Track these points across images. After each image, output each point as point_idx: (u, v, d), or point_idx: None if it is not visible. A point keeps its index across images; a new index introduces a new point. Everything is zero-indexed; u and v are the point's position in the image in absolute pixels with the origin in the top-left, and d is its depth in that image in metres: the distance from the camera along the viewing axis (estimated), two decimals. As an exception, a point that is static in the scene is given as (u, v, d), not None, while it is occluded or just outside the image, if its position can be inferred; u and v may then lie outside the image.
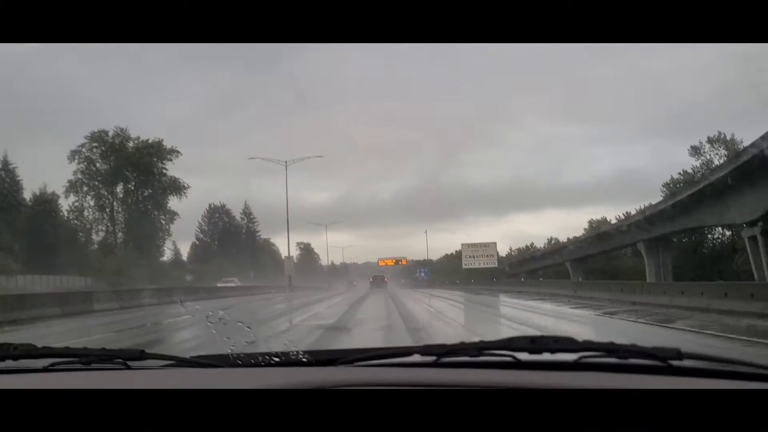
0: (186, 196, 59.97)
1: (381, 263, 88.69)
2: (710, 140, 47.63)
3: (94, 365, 1.69)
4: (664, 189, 51.01)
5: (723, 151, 46.70)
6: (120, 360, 1.70)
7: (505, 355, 1.46)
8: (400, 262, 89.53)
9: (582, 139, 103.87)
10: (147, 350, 1.71)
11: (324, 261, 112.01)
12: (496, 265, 64.44)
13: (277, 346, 1.79)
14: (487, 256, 64.51)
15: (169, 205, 59.98)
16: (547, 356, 1.44)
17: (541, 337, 1.48)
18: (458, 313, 21.76)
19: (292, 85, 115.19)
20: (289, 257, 54.93)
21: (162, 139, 58.33)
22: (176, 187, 59.22)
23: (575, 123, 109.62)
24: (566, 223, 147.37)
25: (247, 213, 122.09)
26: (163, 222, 60.28)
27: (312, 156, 58.86)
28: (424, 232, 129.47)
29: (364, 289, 55.67)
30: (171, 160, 58.78)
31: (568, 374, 1.43)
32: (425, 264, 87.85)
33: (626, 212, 57.33)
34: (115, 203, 58.24)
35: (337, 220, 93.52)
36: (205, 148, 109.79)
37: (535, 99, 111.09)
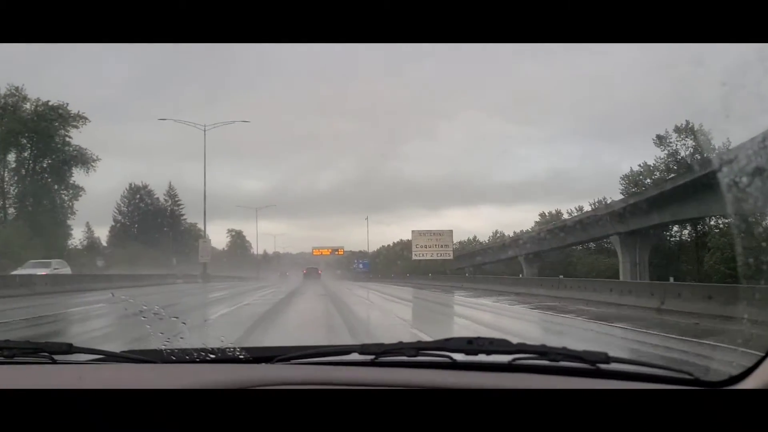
0: (95, 170, 51.95)
1: (316, 253, 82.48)
2: (677, 129, 44.17)
3: (17, 359, 1.60)
4: (624, 181, 47.58)
5: (690, 142, 43.37)
6: (45, 354, 1.63)
7: (442, 356, 1.48)
8: (336, 252, 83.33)
9: (517, 138, 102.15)
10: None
11: (256, 250, 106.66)
12: (451, 257, 57.00)
13: (212, 342, 1.71)
14: (442, 246, 56.42)
15: (73, 179, 51.90)
16: (482, 357, 1.47)
17: (478, 339, 1.50)
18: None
19: (226, 68, 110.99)
20: (204, 240, 47.14)
21: (67, 103, 50.08)
22: (82, 159, 51.17)
23: (510, 121, 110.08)
24: (499, 220, 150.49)
25: (171, 194, 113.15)
26: (66, 198, 52.24)
27: (236, 121, 52.08)
28: (361, 221, 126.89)
29: (296, 281, 49.90)
30: (77, 126, 50.58)
31: (502, 375, 1.47)
32: (364, 255, 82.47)
33: (578, 206, 53.97)
34: (5, 173, 49.79)
35: (269, 206, 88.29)
36: (130, 128, 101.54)
37: (472, 96, 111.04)
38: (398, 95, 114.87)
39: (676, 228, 43.77)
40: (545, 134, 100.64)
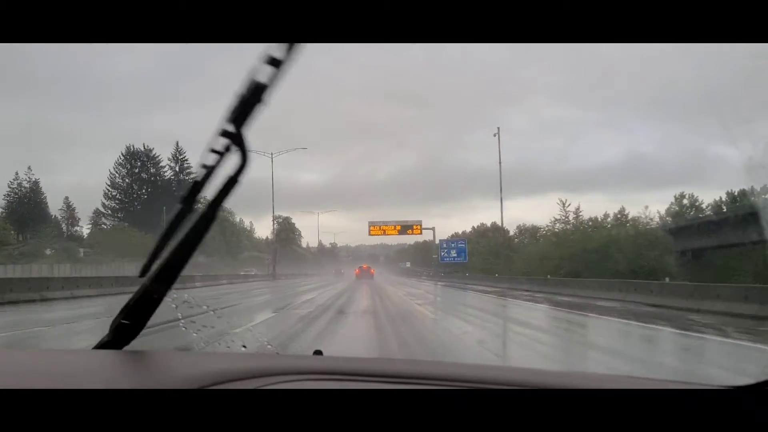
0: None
1: (374, 232, 55.21)
2: None
3: None
4: None
5: None
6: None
7: None
8: (410, 230, 56.16)
9: (588, 123, 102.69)
10: None
11: (310, 243, 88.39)
12: None
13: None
14: None
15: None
16: None
17: None
18: None
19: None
20: None
21: None
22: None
23: (579, 106, 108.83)
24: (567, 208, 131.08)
25: (177, 158, 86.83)
26: None
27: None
28: (422, 214, 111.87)
29: (348, 280, 34.99)
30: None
31: None
32: (448, 239, 54.70)
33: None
34: None
35: (327, 199, 73.81)
36: (179, 109, 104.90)
37: (538, 81, 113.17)
38: (462, 84, 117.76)
39: None
40: (618, 118, 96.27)
